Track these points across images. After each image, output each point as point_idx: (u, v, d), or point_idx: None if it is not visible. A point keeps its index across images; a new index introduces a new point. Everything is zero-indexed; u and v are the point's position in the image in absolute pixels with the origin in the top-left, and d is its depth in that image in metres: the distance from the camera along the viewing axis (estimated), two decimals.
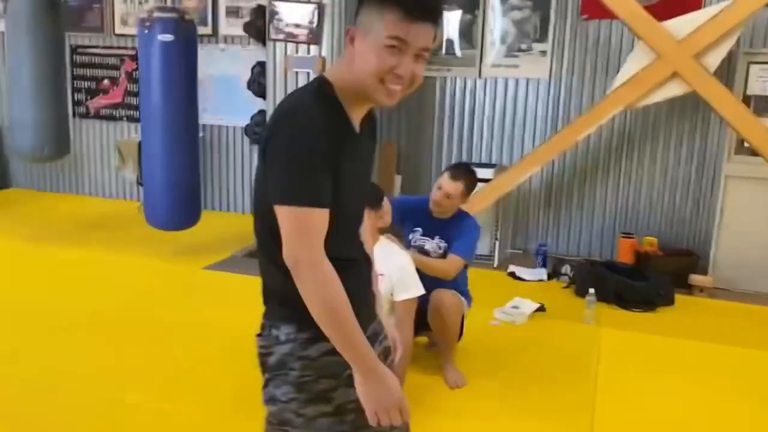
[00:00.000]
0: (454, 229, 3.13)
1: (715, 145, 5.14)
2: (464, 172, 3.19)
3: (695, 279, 4.62)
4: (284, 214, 1.31)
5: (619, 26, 5.09)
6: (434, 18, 1.35)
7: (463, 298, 3.14)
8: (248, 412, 2.70)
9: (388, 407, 1.36)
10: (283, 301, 1.43)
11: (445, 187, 3.10)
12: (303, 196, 1.30)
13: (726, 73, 4.84)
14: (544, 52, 5.41)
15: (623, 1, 4.44)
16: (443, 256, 3.13)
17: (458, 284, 3.15)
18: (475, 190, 3.30)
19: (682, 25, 4.37)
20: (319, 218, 1.31)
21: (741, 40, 4.69)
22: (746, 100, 4.65)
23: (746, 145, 4.64)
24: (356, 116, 1.43)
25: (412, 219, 3.24)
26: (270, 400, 1.47)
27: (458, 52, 5.63)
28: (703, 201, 5.26)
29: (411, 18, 1.30)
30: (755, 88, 4.67)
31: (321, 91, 1.38)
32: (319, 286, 1.31)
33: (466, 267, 3.16)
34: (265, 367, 1.49)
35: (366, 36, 1.33)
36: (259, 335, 1.51)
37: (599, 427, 2.75)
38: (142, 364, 3.18)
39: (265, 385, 1.49)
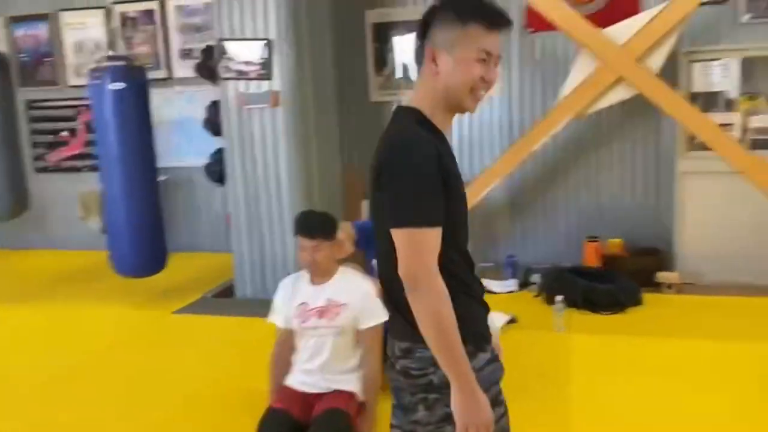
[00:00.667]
0: None
1: (669, 143, 5.25)
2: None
3: (662, 276, 4.69)
4: (401, 237, 1.42)
5: (564, 38, 5.21)
6: (509, 28, 1.52)
7: None
8: None
9: (479, 425, 1.43)
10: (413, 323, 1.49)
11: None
12: (417, 216, 1.41)
13: (671, 72, 4.97)
14: None
15: (563, 13, 4.56)
16: None
17: None
18: None
19: (622, 30, 4.49)
20: (434, 237, 1.42)
21: (681, 39, 4.83)
22: (692, 97, 4.78)
23: (696, 141, 4.76)
24: (448, 132, 1.58)
25: (374, 244, 3.24)
26: (446, 417, 1.49)
27: (413, 75, 5.71)
28: (662, 199, 5.36)
29: (493, 30, 1.47)
30: (699, 85, 4.80)
31: (417, 118, 1.51)
32: (434, 302, 1.40)
33: None
34: (421, 388, 1.53)
35: (451, 52, 1.46)
36: (402, 358, 1.57)
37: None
38: (119, 415, 3.14)
39: (430, 407, 1.53)
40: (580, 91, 4.58)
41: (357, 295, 2.70)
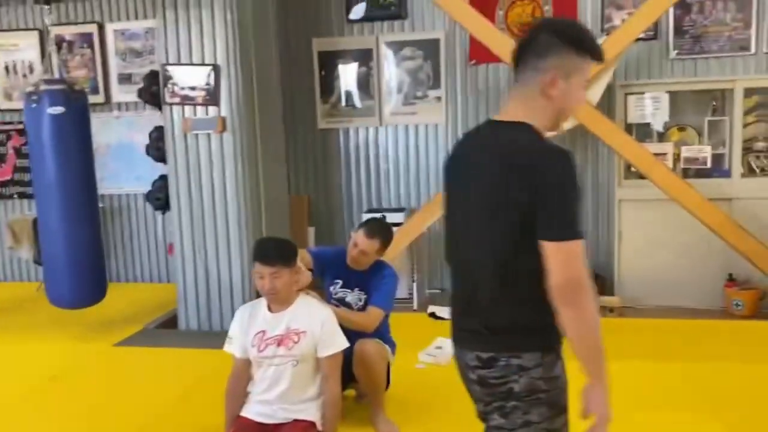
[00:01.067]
0: (372, 280, 3.15)
1: (606, 172, 5.46)
2: (380, 229, 3.18)
3: (604, 300, 4.84)
4: (564, 249, 1.50)
5: (506, 69, 5.38)
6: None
7: (387, 346, 3.14)
8: None
9: (607, 419, 1.58)
10: (530, 331, 1.59)
11: (360, 244, 3.10)
12: (578, 230, 1.53)
13: (607, 105, 5.20)
14: (439, 98, 5.62)
15: (507, 46, 4.70)
16: (364, 307, 3.14)
17: (381, 332, 3.15)
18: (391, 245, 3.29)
19: None
20: (583, 248, 1.53)
21: (617, 73, 5.07)
22: (628, 128, 5.01)
23: (633, 169, 4.98)
24: None
25: (330, 271, 3.23)
26: (524, 424, 1.60)
27: (358, 103, 5.76)
28: (602, 226, 5.55)
29: (595, 63, 1.67)
30: (634, 116, 5.05)
31: (536, 132, 1.63)
32: (592, 308, 1.52)
33: (386, 315, 3.17)
34: (500, 396, 1.61)
35: (568, 78, 1.63)
36: (481, 368, 1.63)
37: None
38: None
39: (506, 414, 1.61)
40: None
41: (316, 322, 2.66)
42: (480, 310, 1.63)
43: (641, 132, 5.13)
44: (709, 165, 4.99)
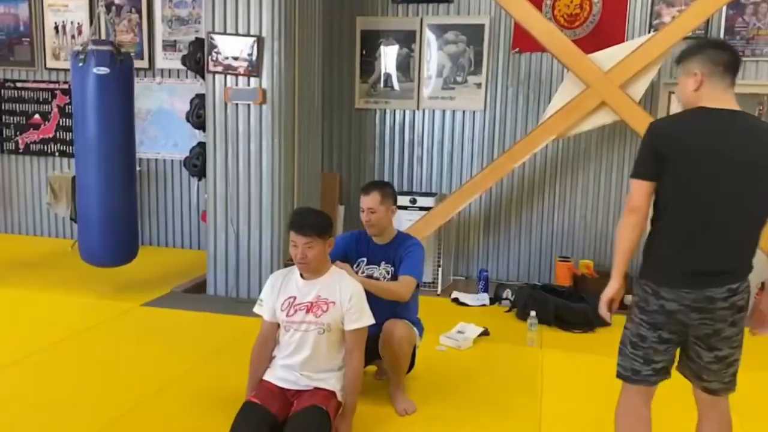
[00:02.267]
0: (397, 251, 3.14)
1: None
2: (374, 185, 3.20)
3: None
4: None
5: (548, 58, 5.32)
6: None
7: (415, 329, 3.15)
8: None
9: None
10: (750, 266, 2.16)
11: (363, 204, 3.12)
12: None
13: (649, 102, 5.13)
14: (479, 84, 5.58)
15: (553, 36, 4.66)
16: (393, 280, 3.14)
17: (410, 314, 3.16)
18: (394, 201, 3.22)
19: (608, 57, 4.61)
20: None
21: (662, 71, 4.99)
22: None
23: None
24: None
25: (354, 251, 3.23)
26: (742, 326, 2.18)
27: (396, 85, 5.75)
28: None
29: None
30: None
31: None
32: None
33: (417, 289, 3.17)
34: (738, 310, 2.13)
35: None
36: (734, 295, 2.11)
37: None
38: (81, 404, 3.06)
39: (735, 323, 2.15)
40: (564, 112, 4.68)
41: (346, 295, 2.70)
42: (737, 259, 2.14)
43: None
44: None
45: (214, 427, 2.77)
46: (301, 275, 2.74)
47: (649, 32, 5.08)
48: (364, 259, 3.21)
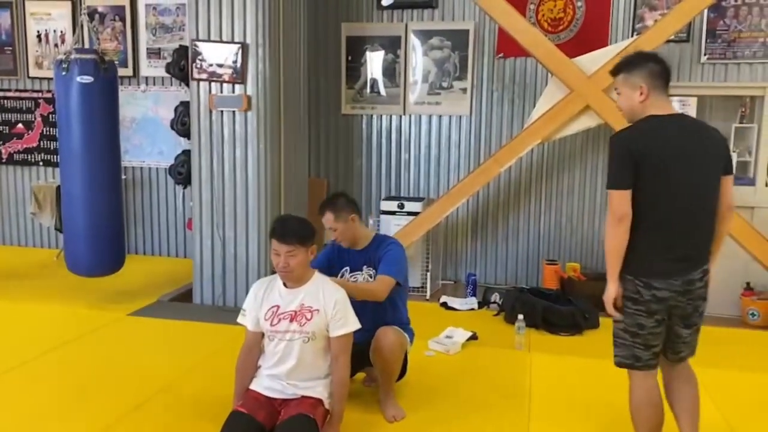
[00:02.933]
0: (376, 253, 3.11)
1: None
2: (325, 204, 3.11)
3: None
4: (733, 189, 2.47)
5: (533, 63, 5.35)
6: None
7: (406, 335, 3.14)
8: None
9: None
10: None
11: (324, 224, 3.09)
12: None
13: None
14: (464, 90, 5.60)
15: (537, 41, 4.68)
16: None
17: (401, 319, 3.16)
18: (346, 209, 3.10)
19: (591, 61, 4.64)
20: None
21: None
22: None
23: None
24: None
25: (337, 261, 3.19)
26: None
27: (383, 90, 5.76)
28: None
29: None
30: None
31: None
32: None
33: (404, 292, 3.15)
34: (707, 286, 2.44)
35: None
36: (707, 275, 2.42)
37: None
38: (67, 415, 3.02)
39: (705, 298, 2.46)
40: (548, 117, 4.70)
41: (330, 302, 2.69)
42: (705, 244, 2.42)
43: None
44: (734, 173, 4.92)
45: None
46: (284, 284, 2.72)
47: (632, 36, 5.13)
48: (347, 268, 3.19)
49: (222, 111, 4.65)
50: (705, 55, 5.11)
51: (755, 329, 4.59)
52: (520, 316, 4.13)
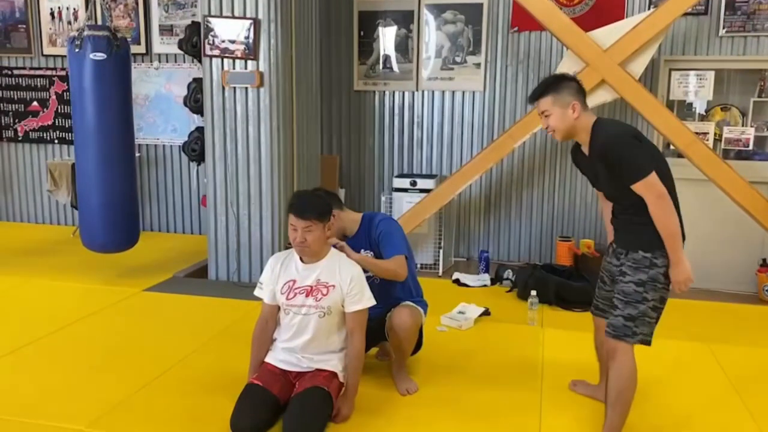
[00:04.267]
0: (370, 234, 3.06)
1: None
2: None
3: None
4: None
5: (547, 37, 5.29)
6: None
7: (420, 309, 3.15)
8: None
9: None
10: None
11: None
12: None
13: (650, 79, 5.10)
14: (478, 65, 5.55)
15: (552, 15, 4.62)
16: None
17: (411, 292, 3.16)
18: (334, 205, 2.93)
19: (607, 34, 4.57)
20: None
21: (662, 48, 4.95)
22: (669, 105, 4.90)
23: (672, 148, 4.89)
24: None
25: None
26: None
27: (395, 66, 5.72)
28: None
29: None
30: (677, 93, 4.93)
31: None
32: None
33: (413, 265, 3.15)
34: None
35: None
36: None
37: (547, 423, 2.82)
38: (84, 389, 3.08)
39: None
40: None
41: (346, 278, 2.70)
42: None
43: (683, 110, 5.02)
44: (751, 147, 4.87)
45: (217, 409, 2.79)
46: (301, 259, 2.74)
47: (648, 9, 5.04)
48: None
49: (235, 87, 4.65)
50: (723, 28, 5.02)
51: None
52: (533, 292, 4.13)
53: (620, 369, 2.50)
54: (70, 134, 6.23)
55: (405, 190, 5.29)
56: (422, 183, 5.26)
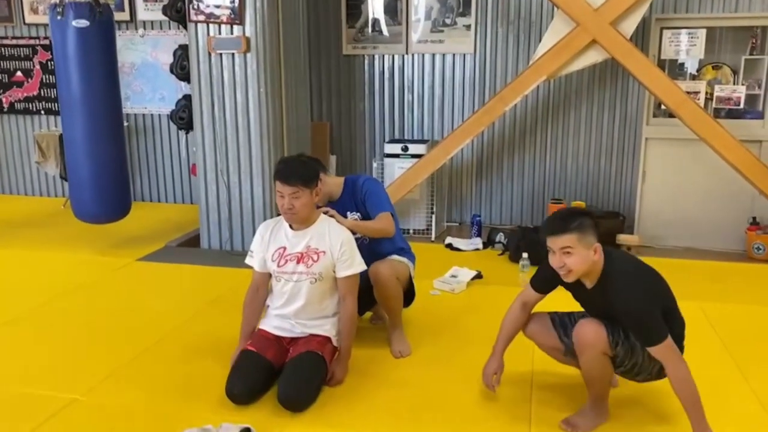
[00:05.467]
0: (355, 195, 3.08)
1: (634, 109, 5.36)
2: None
3: (622, 239, 4.83)
4: None
5: None
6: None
7: (404, 258, 3.15)
8: (185, 401, 2.68)
9: None
10: None
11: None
12: None
13: (641, 39, 5.05)
14: (468, 26, 5.48)
15: None
16: None
17: (397, 246, 3.16)
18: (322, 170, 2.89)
19: None
20: None
21: (653, 6, 4.89)
22: (661, 64, 4.86)
23: (663, 107, 4.87)
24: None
25: None
26: None
27: (384, 29, 5.64)
28: (626, 164, 5.48)
29: None
30: (669, 52, 4.88)
31: None
32: None
33: (397, 224, 3.13)
34: None
35: None
36: None
37: (539, 380, 2.86)
38: (78, 359, 3.09)
39: None
40: (554, 52, 4.60)
41: (336, 243, 2.70)
42: None
43: (674, 70, 4.98)
44: (742, 106, 4.85)
45: (211, 376, 2.81)
46: (290, 226, 2.73)
47: None
48: None
49: (221, 54, 4.58)
50: None
51: (760, 263, 4.60)
52: (525, 255, 4.15)
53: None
54: (56, 104, 6.15)
55: (397, 155, 5.26)
56: (414, 148, 5.23)
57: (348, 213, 3.09)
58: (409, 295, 3.22)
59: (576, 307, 2.62)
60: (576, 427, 2.45)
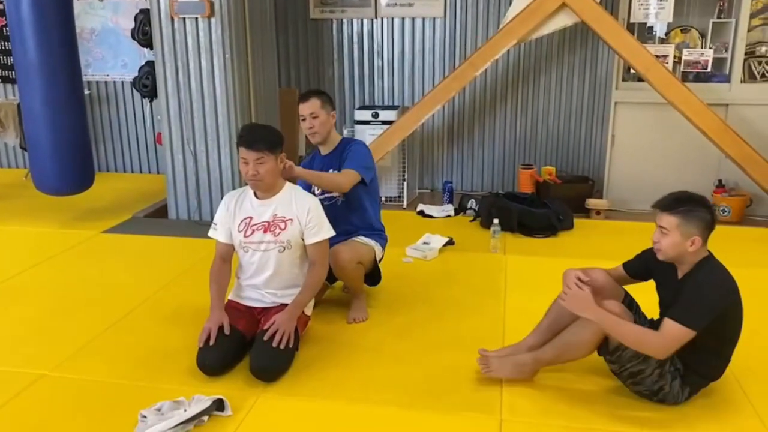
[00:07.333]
0: (342, 155, 3.06)
1: (604, 73, 5.36)
2: (311, 92, 3.06)
3: (592, 203, 4.87)
4: None
5: None
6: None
7: (372, 242, 3.13)
8: (157, 373, 2.65)
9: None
10: None
11: (304, 111, 2.99)
12: None
13: (611, 2, 5.03)
14: None
15: None
16: None
17: (371, 224, 3.15)
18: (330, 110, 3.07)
19: None
20: None
21: None
22: (630, 28, 4.85)
23: (632, 71, 4.87)
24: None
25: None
26: None
27: None
28: (596, 128, 5.50)
29: None
30: (638, 15, 4.87)
31: None
32: None
33: (364, 185, 3.07)
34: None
35: None
36: None
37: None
38: (46, 334, 3.03)
39: None
40: (524, 16, 4.56)
41: (303, 210, 2.66)
42: None
43: (643, 33, 4.98)
44: (709, 69, 4.88)
45: (183, 348, 2.78)
46: (255, 194, 2.68)
47: None
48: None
49: (184, 18, 4.44)
50: None
51: (726, 225, 4.68)
52: (496, 221, 4.16)
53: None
54: (12, 72, 5.93)
55: (367, 122, 5.21)
56: (384, 114, 5.18)
57: (330, 170, 3.07)
58: (374, 276, 3.21)
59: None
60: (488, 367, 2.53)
